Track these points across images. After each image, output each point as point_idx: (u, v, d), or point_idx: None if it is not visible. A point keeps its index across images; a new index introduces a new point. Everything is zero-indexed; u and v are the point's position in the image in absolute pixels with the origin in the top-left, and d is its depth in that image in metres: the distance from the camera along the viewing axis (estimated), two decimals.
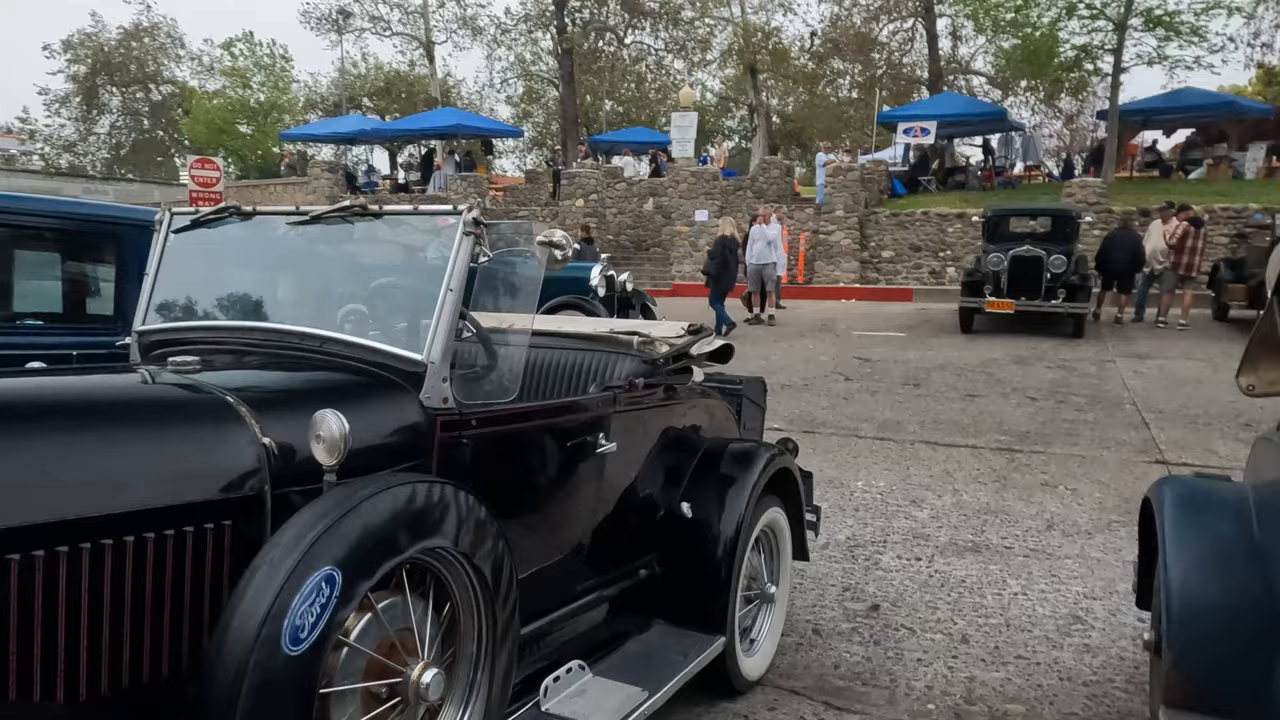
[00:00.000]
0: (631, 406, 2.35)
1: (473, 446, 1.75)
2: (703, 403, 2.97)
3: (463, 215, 1.79)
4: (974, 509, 4.56)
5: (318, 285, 1.99)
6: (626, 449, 2.36)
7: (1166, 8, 18.42)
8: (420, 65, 40.79)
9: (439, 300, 1.73)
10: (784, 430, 6.20)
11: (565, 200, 19.22)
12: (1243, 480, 2.74)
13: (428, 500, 1.50)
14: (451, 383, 1.72)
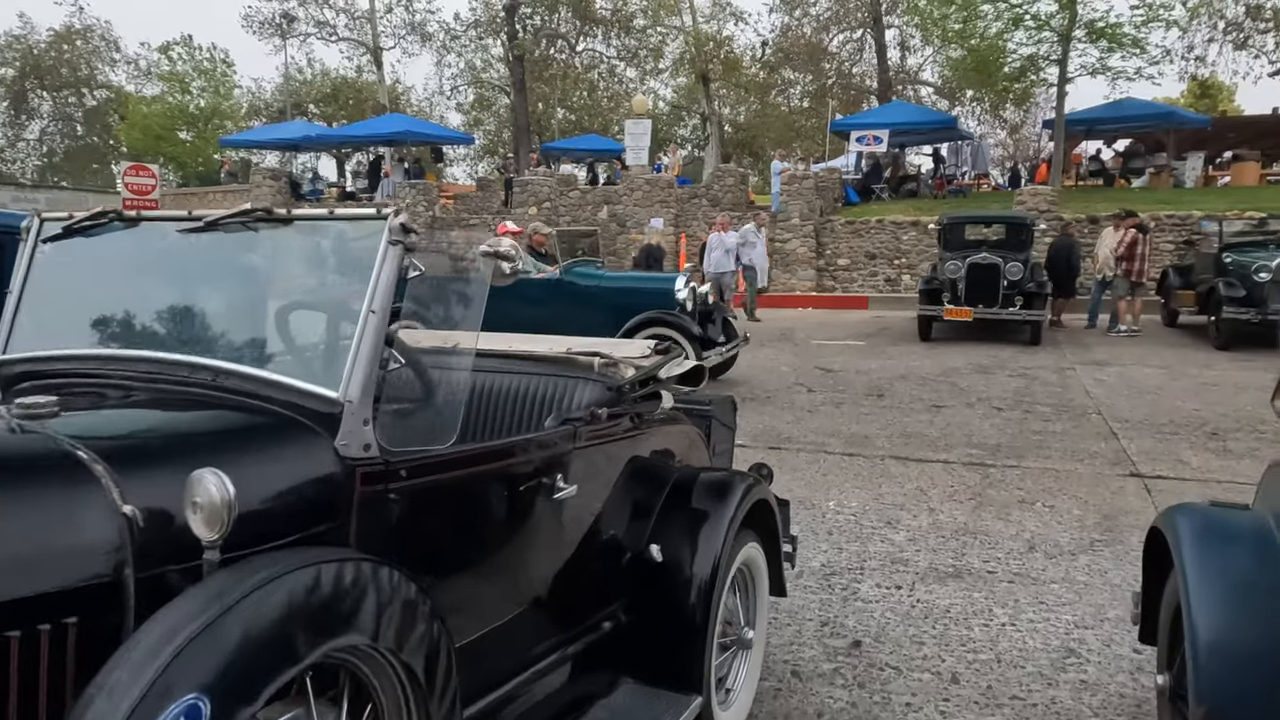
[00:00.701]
0: (594, 441, 2.05)
1: (403, 502, 1.43)
2: (672, 430, 2.68)
3: (388, 220, 1.47)
4: (952, 530, 4.34)
5: (213, 306, 1.63)
6: (588, 489, 2.05)
7: (1108, 20, 18.81)
8: (368, 72, 39.98)
9: (359, 324, 1.40)
10: (749, 448, 5.94)
11: (518, 208, 18.82)
12: (1255, 506, 2.55)
13: (338, 585, 1.17)
14: (375, 425, 1.40)
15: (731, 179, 19.80)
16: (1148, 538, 2.58)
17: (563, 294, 7.92)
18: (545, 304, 7.83)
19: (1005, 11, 19.41)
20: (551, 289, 7.94)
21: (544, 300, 7.84)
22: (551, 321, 7.77)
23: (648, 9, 33.58)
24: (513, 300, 8.16)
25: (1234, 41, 27.69)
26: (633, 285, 8.41)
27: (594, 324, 7.52)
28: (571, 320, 7.56)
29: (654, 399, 2.31)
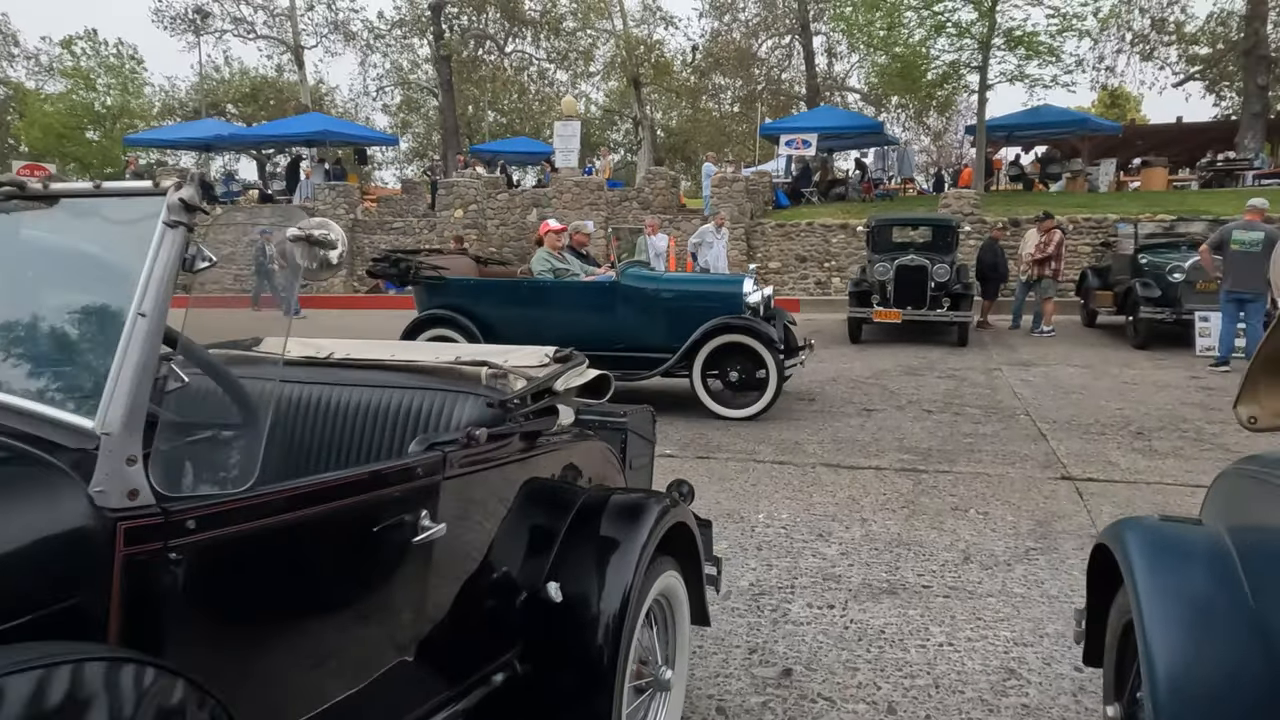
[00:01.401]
0: (473, 467, 1.73)
1: (190, 563, 1.09)
2: (575, 447, 2.38)
3: (166, 196, 1.13)
4: (885, 541, 4.14)
5: None
6: (467, 524, 1.74)
7: (1025, 29, 19.30)
8: (290, 71, 38.67)
9: (125, 332, 1.06)
10: (677, 457, 5.68)
11: (443, 210, 18.27)
12: (1206, 520, 2.38)
13: (71, 696, 0.84)
14: (148, 464, 1.06)
15: (663, 182, 19.64)
16: (1093, 553, 2.39)
17: (618, 299, 7.17)
18: (601, 310, 7.18)
19: (928, 19, 19.76)
20: (606, 294, 7.22)
21: (599, 306, 7.21)
22: (607, 330, 7.11)
23: (577, 11, 33.29)
24: (565, 307, 7.37)
25: (1141, 53, 28.90)
26: (696, 288, 7.67)
27: (653, 332, 7.08)
28: (628, 328, 7.10)
29: (551, 414, 2.01)
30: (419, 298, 7.82)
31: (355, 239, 19.13)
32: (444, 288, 7.59)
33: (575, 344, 7.63)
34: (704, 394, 6.95)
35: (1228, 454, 5.60)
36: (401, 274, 7.64)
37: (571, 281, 7.46)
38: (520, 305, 7.43)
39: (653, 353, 6.99)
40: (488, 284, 7.75)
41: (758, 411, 6.76)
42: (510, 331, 7.17)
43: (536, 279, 7.48)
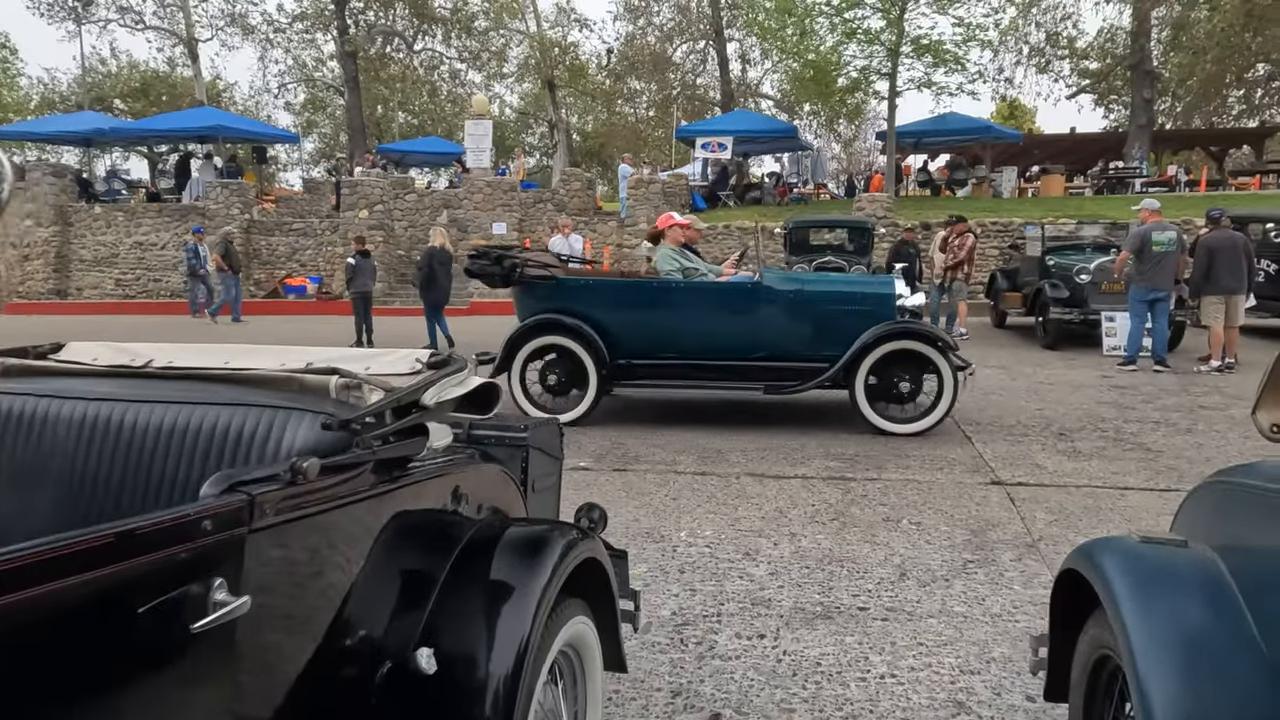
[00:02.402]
0: (300, 511, 1.28)
1: None
2: (459, 473, 1.95)
3: None
4: (816, 558, 3.83)
5: None
6: (294, 588, 1.29)
7: (932, 38, 19.74)
8: (184, 65, 36.62)
9: None
10: (592, 470, 5.27)
11: (347, 210, 17.39)
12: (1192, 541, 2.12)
13: None
14: None
15: (578, 183, 19.23)
16: (1059, 579, 2.10)
17: (761, 302, 6.37)
18: (740, 314, 6.38)
19: (839, 25, 19.99)
20: (747, 296, 6.40)
21: (739, 310, 6.40)
22: (747, 336, 6.36)
23: (489, 10, 32.59)
24: (699, 311, 6.44)
25: (1037, 65, 30.12)
26: (845, 290, 6.75)
27: (798, 339, 6.35)
28: (770, 334, 6.34)
29: (418, 434, 1.57)
30: (522, 301, 6.77)
31: (251, 240, 18.01)
32: (556, 289, 6.59)
33: (712, 353, 6.41)
34: (867, 407, 6.21)
35: (1148, 453, 5.55)
36: (505, 273, 6.57)
37: (706, 282, 6.58)
38: (646, 309, 6.48)
39: (796, 361, 6.31)
40: (609, 284, 6.72)
41: (930, 426, 6.13)
42: (634, 339, 6.43)
43: (668, 279, 6.51)
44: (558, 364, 6.63)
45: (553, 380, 6.63)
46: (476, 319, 15.89)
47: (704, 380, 6.50)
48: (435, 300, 11.44)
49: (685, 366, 6.44)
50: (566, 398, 6.63)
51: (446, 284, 11.61)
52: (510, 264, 6.60)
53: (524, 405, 6.58)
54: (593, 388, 6.44)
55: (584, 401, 6.48)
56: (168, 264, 18.32)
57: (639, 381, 6.59)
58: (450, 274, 11.86)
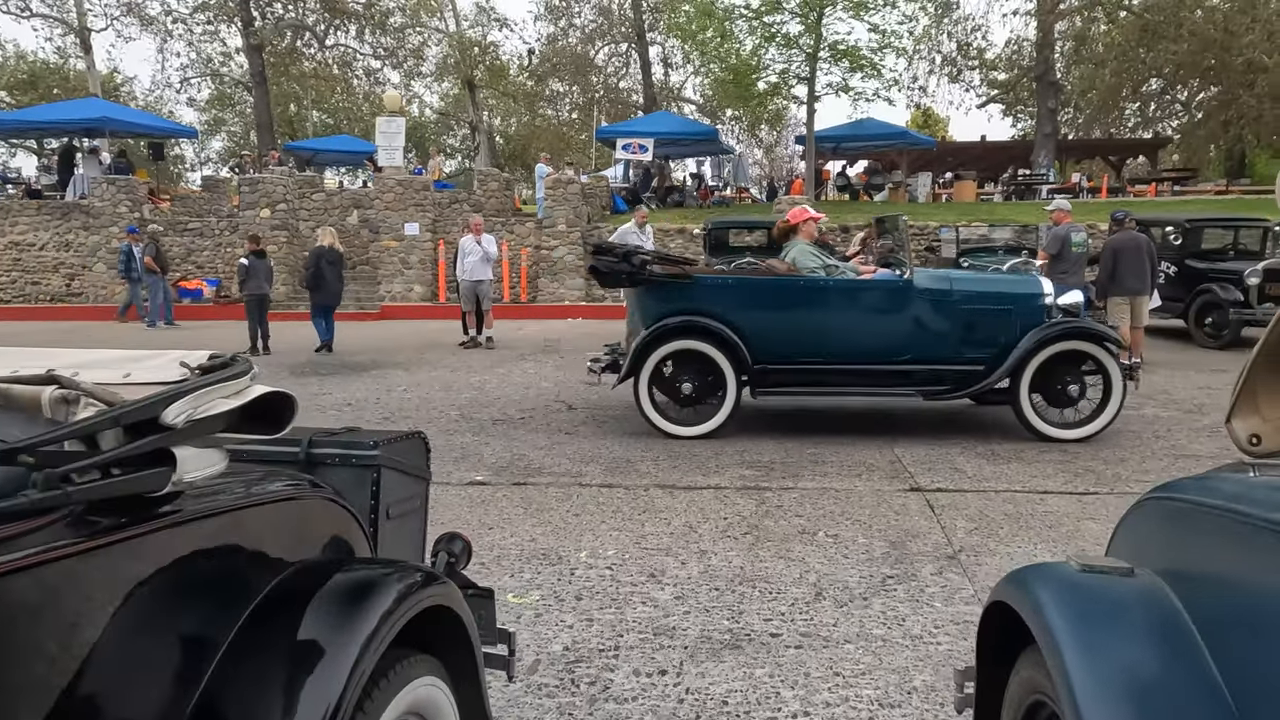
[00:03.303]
0: None
1: None
2: (255, 512, 1.53)
3: None
4: (726, 577, 3.52)
5: None
6: None
7: (849, 43, 19.96)
8: (76, 56, 34.45)
9: None
10: (490, 484, 4.86)
11: (247, 210, 16.41)
12: (1124, 561, 1.87)
13: None
14: None
15: (495, 184, 18.69)
16: (987, 611, 1.81)
17: (910, 301, 5.91)
18: (888, 315, 5.92)
19: (758, 29, 20.01)
20: (896, 296, 5.93)
21: (886, 310, 5.94)
22: (895, 338, 5.87)
23: (405, 7, 31.67)
24: (844, 311, 5.86)
25: (949, 75, 30.94)
26: (994, 289, 6.24)
27: (946, 340, 5.88)
28: (919, 336, 5.84)
29: (163, 462, 1.17)
30: (644, 303, 6.11)
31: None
32: (690, 289, 5.98)
33: (857, 356, 5.81)
34: (1032, 413, 5.83)
35: (1065, 454, 5.45)
36: (633, 271, 5.97)
37: (855, 280, 6.10)
38: (789, 309, 5.96)
39: (943, 364, 5.91)
40: (751, 284, 6.11)
41: (1097, 431, 5.78)
42: (774, 342, 5.89)
43: (814, 277, 6.02)
44: (683, 371, 5.98)
45: (687, 389, 5.96)
46: (389, 324, 15.21)
47: (851, 385, 6.04)
48: (324, 302, 10.97)
49: (828, 371, 5.97)
50: (693, 409, 6.02)
51: (337, 285, 11.15)
52: (640, 261, 6.02)
53: (654, 419, 5.93)
54: (730, 396, 5.89)
55: (720, 412, 5.91)
56: (46, 266, 16.99)
57: (781, 389, 6.06)
58: (341, 275, 11.35)
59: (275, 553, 1.61)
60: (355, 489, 2.22)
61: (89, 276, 16.70)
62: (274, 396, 1.36)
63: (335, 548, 1.88)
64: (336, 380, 8.60)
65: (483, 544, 3.88)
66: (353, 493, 2.20)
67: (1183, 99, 32.87)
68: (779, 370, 5.96)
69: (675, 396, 6.00)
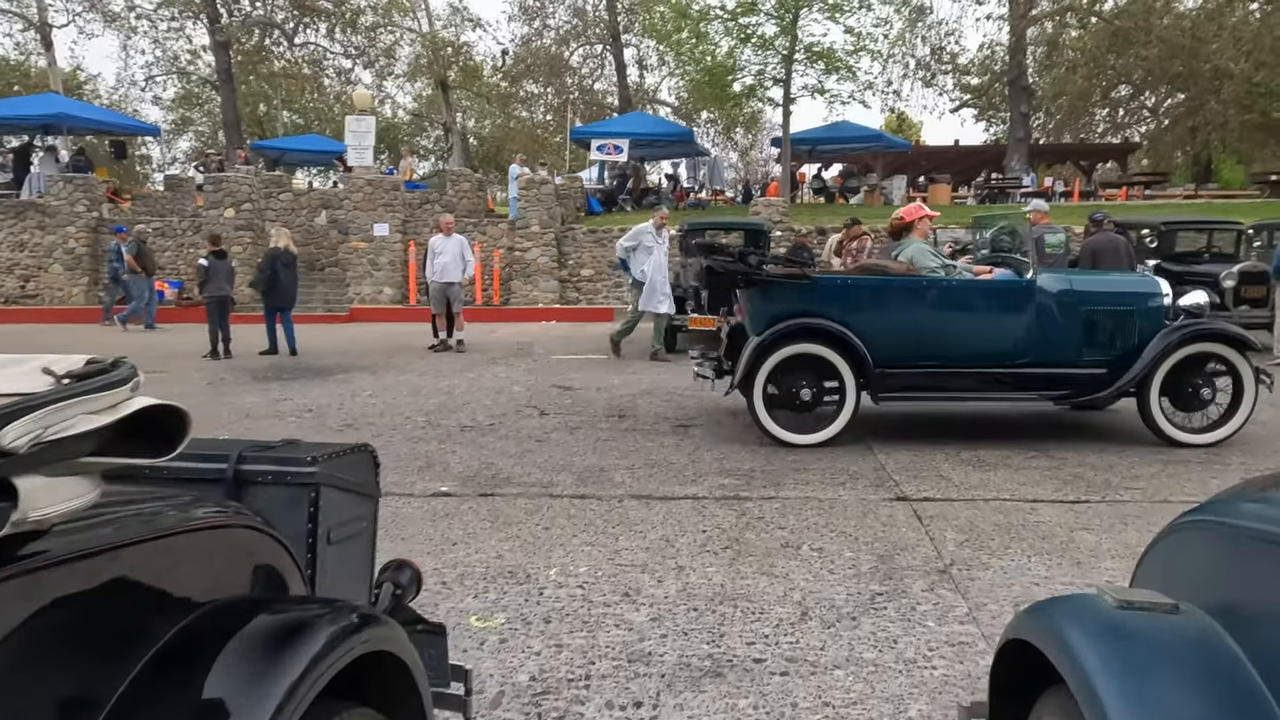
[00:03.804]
0: None
1: None
2: (159, 546, 1.28)
3: None
4: (706, 596, 3.29)
5: None
6: None
7: (824, 44, 19.90)
8: (38, 53, 33.60)
9: None
10: (455, 495, 4.60)
11: (212, 209, 15.97)
12: (1143, 586, 1.67)
13: None
14: None
15: (468, 184, 18.39)
16: (1002, 651, 1.61)
17: (1033, 302, 5.67)
18: (1009, 316, 5.68)
19: (734, 29, 19.89)
20: (1019, 296, 5.69)
21: (1008, 311, 5.69)
22: (1015, 341, 5.62)
23: (377, 6, 31.22)
24: (965, 313, 5.56)
25: (923, 79, 31.10)
26: (1116, 289, 5.97)
27: (1065, 343, 5.64)
28: (1039, 338, 5.59)
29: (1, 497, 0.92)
30: (757, 305, 5.79)
31: (99, 240, 16.33)
32: (809, 290, 5.70)
33: (975, 359, 5.49)
34: (1162, 417, 5.63)
35: (1052, 460, 5.30)
36: (750, 271, 5.68)
37: (978, 281, 5.85)
38: (909, 311, 5.70)
39: (1062, 367, 5.69)
40: (872, 284, 5.79)
41: (1227, 436, 5.58)
42: (892, 345, 5.62)
43: (936, 277, 5.77)
44: (796, 376, 5.68)
45: (806, 395, 5.66)
46: (358, 327, 14.85)
47: (970, 390, 5.82)
48: (279, 304, 10.76)
49: (947, 375, 5.73)
50: (805, 415, 5.72)
51: (292, 287, 10.97)
52: (757, 260, 5.72)
53: (770, 427, 5.63)
54: (850, 402, 5.61)
55: (839, 418, 5.62)
56: (0, 267, 16.42)
57: (899, 394, 5.79)
58: (295, 276, 11.17)
59: (181, 593, 1.36)
60: (290, 511, 1.96)
61: (45, 278, 16.16)
62: (160, 411, 1.12)
63: (260, 583, 1.63)
64: (299, 385, 8.27)
65: (445, 561, 3.62)
66: (287, 516, 1.95)
67: (1150, 105, 33.35)
68: (896, 374, 5.71)
69: (789, 403, 5.72)
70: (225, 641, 1.29)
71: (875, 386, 5.68)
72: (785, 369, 5.69)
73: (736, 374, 5.70)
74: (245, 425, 6.39)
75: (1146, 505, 4.35)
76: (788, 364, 5.68)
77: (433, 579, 3.44)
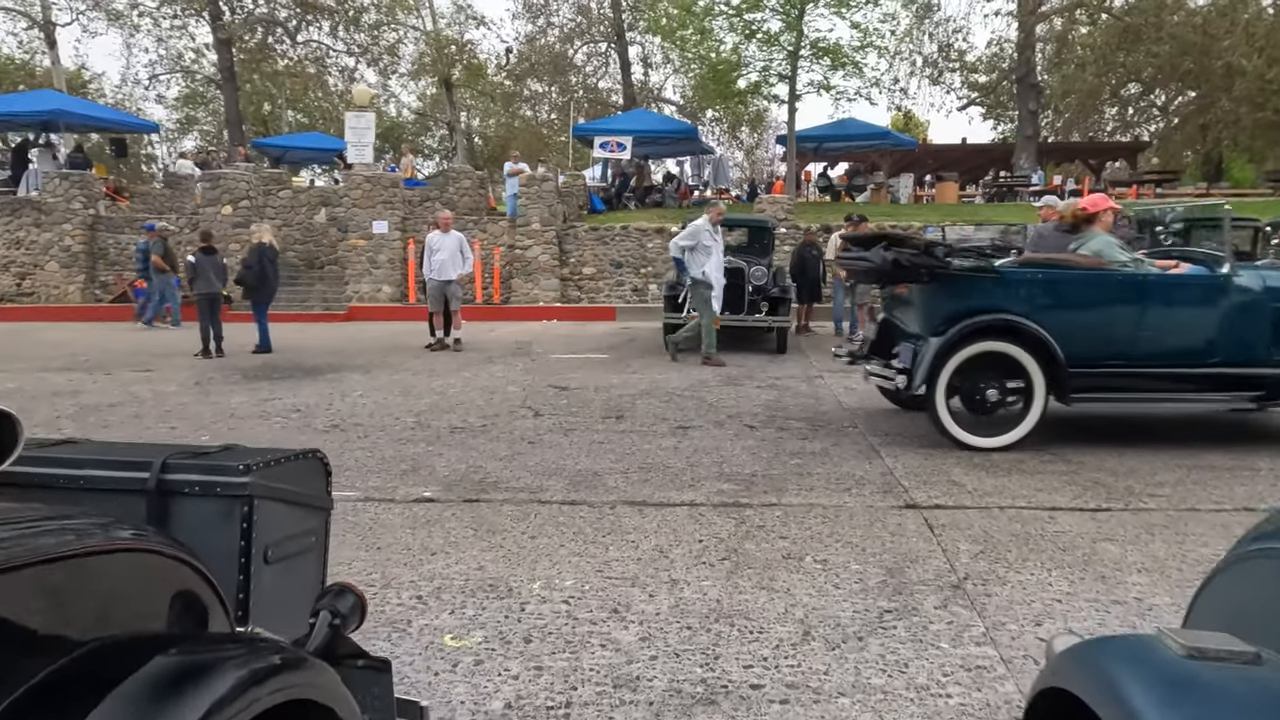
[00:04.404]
0: None
1: None
2: (26, 576, 1.05)
3: None
4: (701, 613, 3.05)
5: None
6: None
7: (830, 42, 19.62)
8: (41, 52, 33.54)
9: None
10: (438, 501, 4.36)
11: (208, 206, 15.77)
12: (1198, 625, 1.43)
13: None
14: None
15: (468, 181, 18.17)
16: (1038, 699, 1.36)
17: (1229, 298, 5.42)
18: (1204, 313, 5.43)
19: (739, 26, 19.63)
20: (1216, 293, 5.45)
21: (1203, 308, 5.45)
22: (1207, 340, 5.35)
23: (380, 3, 31.06)
24: (1160, 310, 5.24)
25: (930, 77, 30.79)
26: None
27: (1258, 343, 5.38)
28: (1232, 338, 5.33)
29: None
30: (937, 301, 5.54)
31: (96, 238, 16.16)
32: (996, 285, 5.42)
33: (1166, 359, 5.17)
34: None
35: (1069, 465, 5.04)
36: (937, 265, 5.38)
37: (1173, 276, 5.56)
38: (1099, 307, 5.42)
39: (1255, 368, 5.42)
40: (1066, 279, 5.45)
41: None
42: (1081, 343, 5.33)
43: (1131, 272, 5.48)
44: (977, 376, 5.42)
45: (993, 395, 5.41)
46: (356, 325, 14.64)
47: (1161, 391, 5.54)
48: (265, 300, 10.72)
49: (1136, 375, 5.46)
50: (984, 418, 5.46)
51: (275, 283, 11.01)
52: (944, 253, 5.43)
53: (952, 430, 5.38)
54: (1038, 404, 5.34)
55: (1026, 420, 5.35)
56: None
57: (1088, 395, 5.47)
58: (278, 271, 11.19)
59: (54, 630, 1.13)
60: (220, 527, 1.73)
61: (41, 275, 15.99)
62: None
63: (167, 616, 1.39)
64: (288, 384, 8.05)
65: (422, 573, 3.39)
66: (216, 532, 1.72)
67: (1161, 103, 32.97)
68: (1083, 374, 5.41)
69: (970, 404, 5.47)
70: (102, 689, 1.05)
71: (1065, 387, 5.38)
72: (964, 369, 5.41)
73: (916, 374, 5.37)
74: (228, 426, 6.17)
75: (1173, 514, 4.09)
76: (968, 364, 5.41)
77: (408, 593, 3.21)
